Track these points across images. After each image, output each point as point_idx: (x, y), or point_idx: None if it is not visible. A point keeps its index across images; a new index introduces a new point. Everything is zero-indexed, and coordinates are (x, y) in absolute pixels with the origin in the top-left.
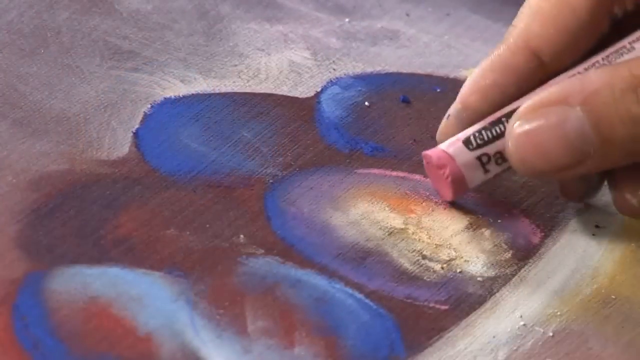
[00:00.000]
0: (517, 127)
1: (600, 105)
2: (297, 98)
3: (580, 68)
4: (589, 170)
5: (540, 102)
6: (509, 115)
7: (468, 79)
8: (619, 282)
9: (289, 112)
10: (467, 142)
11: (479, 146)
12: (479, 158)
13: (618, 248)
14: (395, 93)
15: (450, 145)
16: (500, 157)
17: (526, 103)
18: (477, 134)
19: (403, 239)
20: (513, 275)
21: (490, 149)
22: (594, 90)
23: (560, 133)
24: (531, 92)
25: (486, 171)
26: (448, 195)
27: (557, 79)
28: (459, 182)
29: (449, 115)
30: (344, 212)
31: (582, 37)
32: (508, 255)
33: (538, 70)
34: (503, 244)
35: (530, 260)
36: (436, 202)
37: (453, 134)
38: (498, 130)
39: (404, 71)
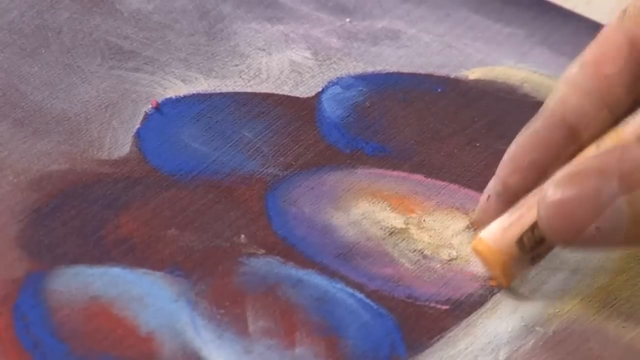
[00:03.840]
0: (550, 195)
1: (637, 182)
2: (298, 98)
3: (613, 134)
4: (617, 246)
5: (577, 171)
6: None
7: (506, 156)
8: (619, 282)
9: (290, 112)
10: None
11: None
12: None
13: None
14: (396, 93)
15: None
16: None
17: (562, 170)
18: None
19: (404, 239)
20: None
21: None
22: (634, 165)
23: (594, 205)
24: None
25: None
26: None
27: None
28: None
29: (489, 196)
30: (344, 212)
31: (621, 111)
32: None
33: (576, 146)
34: None
35: None
36: (437, 202)
37: (495, 215)
38: None
39: (405, 71)
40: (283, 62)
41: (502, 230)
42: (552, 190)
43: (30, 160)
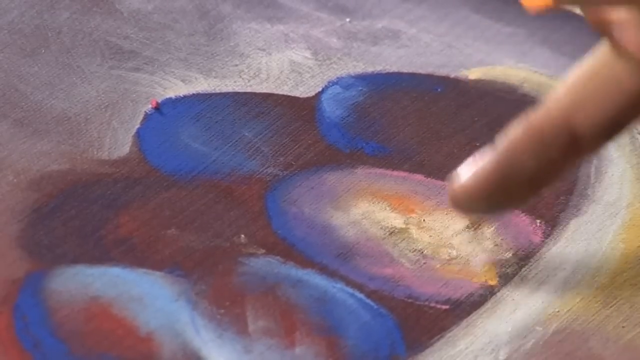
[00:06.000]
0: None
1: None
2: (297, 98)
3: None
4: None
5: None
6: None
7: None
8: (619, 282)
9: (289, 112)
10: None
11: None
12: None
13: (619, 248)
14: (396, 93)
15: None
16: None
17: None
18: None
19: (404, 239)
20: (514, 275)
21: None
22: None
23: None
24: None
25: None
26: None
27: None
28: None
29: None
30: (344, 212)
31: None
32: (509, 254)
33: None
34: (504, 244)
35: (531, 260)
36: (437, 202)
37: None
38: None
39: (405, 71)
40: (283, 62)
41: None
42: None
43: (30, 160)
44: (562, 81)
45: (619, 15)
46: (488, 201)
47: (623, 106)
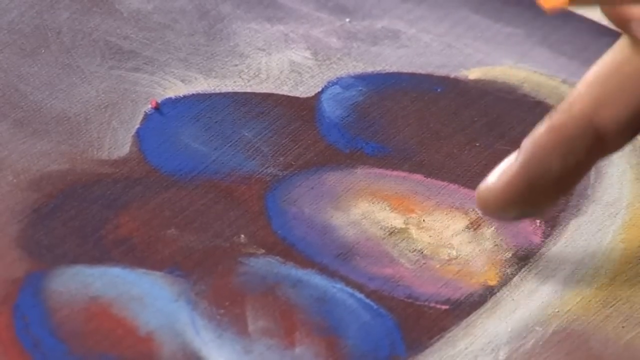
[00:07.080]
0: None
1: None
2: (297, 98)
3: None
4: None
5: None
6: None
7: None
8: (619, 282)
9: (289, 112)
10: None
11: None
12: None
13: (618, 248)
14: (396, 93)
15: None
16: None
17: None
18: None
19: (404, 239)
20: (514, 275)
21: None
22: None
23: None
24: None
25: None
26: None
27: None
28: None
29: None
30: (344, 212)
31: None
32: (509, 255)
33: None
34: (504, 244)
35: (531, 260)
36: (437, 202)
37: None
38: None
39: (405, 71)
40: (283, 62)
41: None
42: None
43: (30, 161)
44: (583, 78)
45: (638, 10)
46: (516, 205)
47: None
